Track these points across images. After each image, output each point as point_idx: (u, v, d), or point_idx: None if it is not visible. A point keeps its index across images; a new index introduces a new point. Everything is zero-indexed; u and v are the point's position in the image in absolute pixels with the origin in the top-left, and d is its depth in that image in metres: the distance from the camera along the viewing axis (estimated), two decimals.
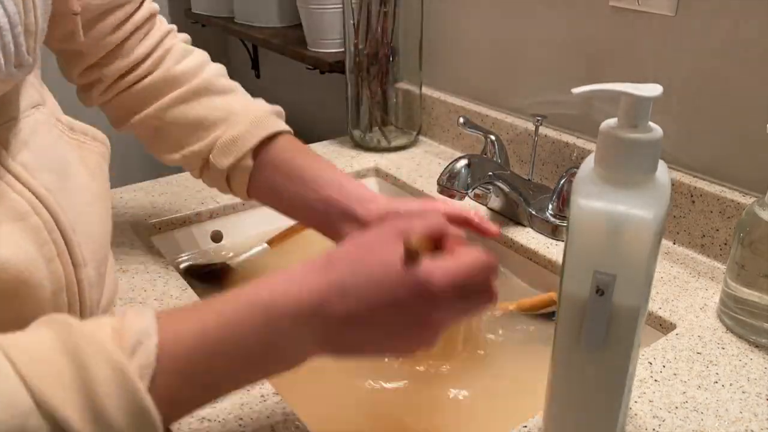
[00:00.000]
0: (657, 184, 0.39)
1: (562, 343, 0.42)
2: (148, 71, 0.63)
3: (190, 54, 0.66)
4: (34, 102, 0.47)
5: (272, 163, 0.62)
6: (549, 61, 0.85)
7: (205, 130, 0.63)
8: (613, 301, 0.38)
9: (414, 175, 0.94)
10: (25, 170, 0.43)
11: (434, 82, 1.04)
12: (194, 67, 0.65)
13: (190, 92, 0.64)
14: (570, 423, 0.45)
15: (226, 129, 0.62)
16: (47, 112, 0.49)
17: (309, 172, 0.61)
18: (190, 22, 1.63)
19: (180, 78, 0.64)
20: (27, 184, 0.43)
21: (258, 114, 0.64)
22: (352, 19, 0.95)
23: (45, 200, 0.43)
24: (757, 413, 0.50)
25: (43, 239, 0.43)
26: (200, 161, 0.64)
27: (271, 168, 0.62)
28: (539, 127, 0.80)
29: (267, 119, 0.64)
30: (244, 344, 0.38)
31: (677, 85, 0.71)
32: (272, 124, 0.64)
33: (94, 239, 0.48)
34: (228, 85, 0.66)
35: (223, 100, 0.64)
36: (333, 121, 1.41)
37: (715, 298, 0.64)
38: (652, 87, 0.38)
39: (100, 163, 0.54)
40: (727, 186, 0.70)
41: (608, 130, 0.38)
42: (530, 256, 0.75)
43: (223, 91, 0.65)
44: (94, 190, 0.51)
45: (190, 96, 0.64)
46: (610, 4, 0.75)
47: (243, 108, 0.64)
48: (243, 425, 0.48)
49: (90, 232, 0.47)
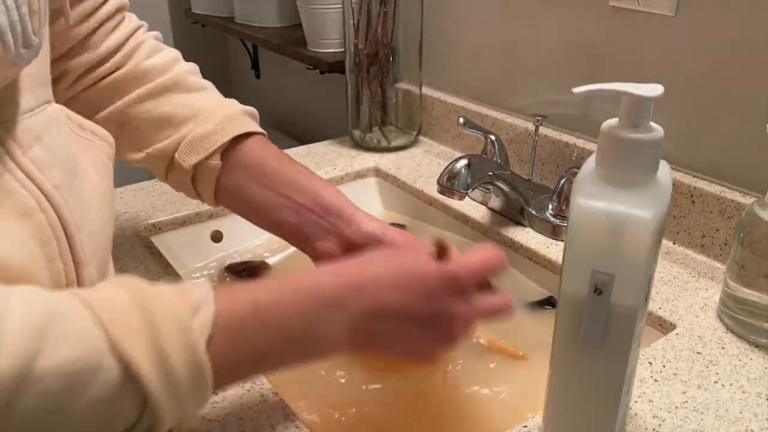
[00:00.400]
0: (658, 184, 0.39)
1: (561, 342, 0.42)
2: (116, 66, 0.61)
3: (160, 51, 0.64)
4: (48, 98, 0.46)
5: (242, 164, 0.59)
6: (549, 61, 0.85)
7: (173, 127, 0.60)
8: (612, 300, 0.38)
9: (414, 175, 0.94)
10: (35, 166, 0.43)
11: (434, 82, 1.04)
12: (164, 64, 0.62)
13: (158, 88, 0.61)
14: (569, 422, 0.45)
15: (194, 127, 0.59)
16: (59, 109, 0.48)
17: (282, 176, 0.58)
18: (190, 22, 1.63)
19: (148, 73, 0.61)
20: (35, 181, 0.43)
21: (229, 112, 0.61)
22: (352, 19, 0.95)
23: (51, 198, 0.43)
24: (757, 413, 0.50)
25: (47, 237, 0.43)
26: (165, 160, 0.60)
27: (241, 169, 0.59)
28: (539, 127, 0.80)
29: (239, 118, 0.61)
30: (288, 322, 0.41)
31: (677, 85, 0.71)
32: (244, 123, 0.60)
33: (97, 239, 0.48)
34: (199, 83, 0.64)
35: (192, 97, 0.62)
36: (333, 121, 1.41)
37: (715, 298, 0.64)
38: (653, 87, 0.38)
39: (107, 162, 0.53)
40: (727, 186, 0.70)
41: (609, 130, 0.38)
42: (530, 256, 0.75)
43: (194, 89, 0.62)
44: (100, 190, 0.50)
45: (158, 92, 0.61)
46: (610, 4, 0.75)
47: (213, 106, 0.61)
48: (243, 425, 0.48)
49: (94, 231, 0.47)
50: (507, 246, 0.78)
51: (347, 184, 0.95)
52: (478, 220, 0.82)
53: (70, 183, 0.45)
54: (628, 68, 0.76)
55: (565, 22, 0.82)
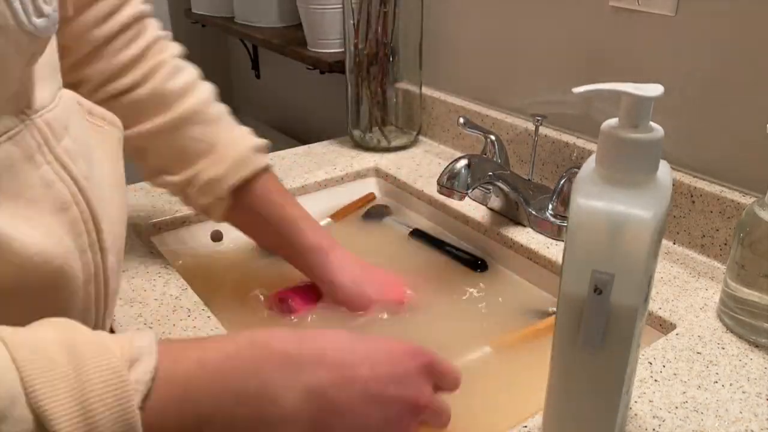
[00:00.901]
0: (658, 184, 0.39)
1: (561, 341, 0.42)
2: (136, 82, 0.62)
3: (181, 71, 0.65)
4: (60, 83, 0.46)
5: (249, 208, 0.66)
6: (549, 61, 0.85)
7: (187, 162, 0.63)
8: (612, 300, 0.38)
9: (414, 175, 0.94)
10: (68, 157, 0.42)
11: (434, 82, 1.04)
12: (184, 87, 0.64)
13: (175, 121, 0.63)
14: (569, 422, 0.45)
15: (207, 165, 0.63)
16: (70, 95, 0.47)
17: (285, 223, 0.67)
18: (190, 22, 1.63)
19: (168, 98, 0.63)
20: (70, 173, 0.42)
21: (241, 153, 0.65)
22: (352, 19, 0.95)
23: (84, 191, 0.43)
24: (757, 413, 0.50)
25: (80, 230, 0.42)
26: (177, 191, 0.65)
27: (248, 211, 0.66)
28: (539, 127, 0.80)
29: (250, 158, 0.65)
30: (242, 378, 0.37)
31: (677, 84, 0.71)
32: (254, 161, 0.66)
33: (116, 228, 0.47)
34: (215, 113, 0.66)
35: (209, 130, 0.64)
36: (333, 121, 1.41)
37: (715, 298, 0.64)
38: (653, 87, 0.38)
39: (117, 150, 0.52)
40: (727, 186, 0.70)
41: (609, 130, 0.38)
42: (530, 256, 0.75)
43: (211, 121, 0.65)
44: (114, 179, 0.50)
45: (176, 125, 0.63)
46: (610, 4, 0.75)
47: (227, 142, 0.65)
48: None
49: (113, 220, 0.46)
50: (507, 246, 0.78)
51: (347, 184, 0.95)
52: (478, 220, 0.82)
53: (91, 172, 0.45)
54: (628, 68, 0.76)
55: (565, 22, 0.82)
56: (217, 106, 0.67)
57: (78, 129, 0.45)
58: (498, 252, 0.79)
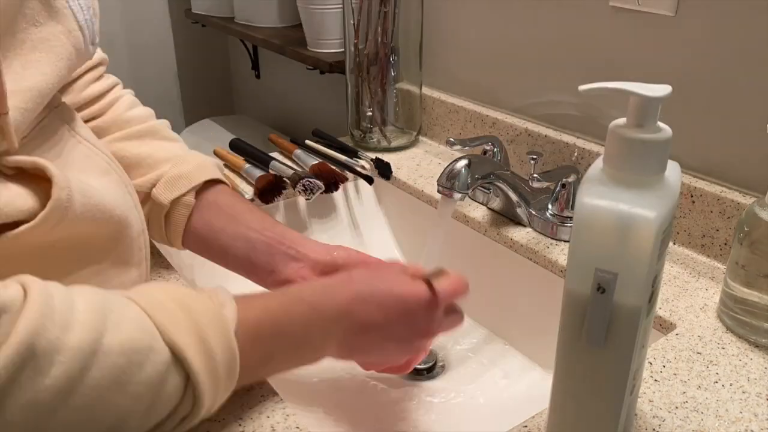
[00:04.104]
0: (665, 184, 0.39)
1: (564, 340, 0.42)
2: (100, 112, 0.64)
3: (138, 106, 0.68)
4: None
5: (215, 203, 0.64)
6: (549, 61, 0.85)
7: (150, 167, 0.64)
8: (615, 299, 0.38)
9: (414, 175, 0.94)
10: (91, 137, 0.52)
11: (434, 82, 1.04)
12: (143, 116, 0.67)
13: (139, 132, 0.65)
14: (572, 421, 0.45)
15: (171, 168, 0.63)
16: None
17: (252, 215, 0.63)
18: (190, 22, 1.63)
19: (130, 121, 0.65)
20: (99, 149, 0.52)
21: (202, 160, 0.66)
22: (352, 19, 0.95)
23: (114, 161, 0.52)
24: (757, 413, 0.50)
25: (124, 191, 0.52)
26: (141, 195, 0.63)
27: (213, 207, 0.64)
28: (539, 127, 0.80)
29: (211, 166, 0.66)
30: (292, 328, 0.47)
31: (677, 84, 0.71)
32: (216, 171, 0.65)
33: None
34: (173, 135, 0.68)
35: (168, 144, 0.66)
36: (333, 121, 1.41)
37: (715, 298, 0.64)
38: (661, 87, 0.38)
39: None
40: (727, 186, 0.70)
41: (616, 130, 0.38)
42: (530, 256, 0.75)
43: (170, 139, 0.67)
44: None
45: (139, 135, 0.65)
46: (610, 4, 0.76)
47: (187, 154, 0.66)
48: (243, 425, 0.48)
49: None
50: (507, 246, 0.78)
51: (347, 184, 0.95)
52: (478, 220, 0.82)
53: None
54: (628, 68, 0.76)
55: (565, 22, 0.82)
56: (173, 133, 0.69)
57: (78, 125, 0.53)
58: (498, 252, 0.79)
